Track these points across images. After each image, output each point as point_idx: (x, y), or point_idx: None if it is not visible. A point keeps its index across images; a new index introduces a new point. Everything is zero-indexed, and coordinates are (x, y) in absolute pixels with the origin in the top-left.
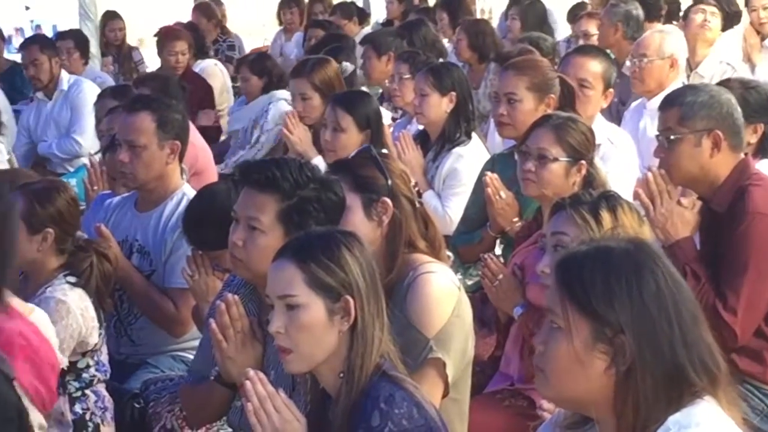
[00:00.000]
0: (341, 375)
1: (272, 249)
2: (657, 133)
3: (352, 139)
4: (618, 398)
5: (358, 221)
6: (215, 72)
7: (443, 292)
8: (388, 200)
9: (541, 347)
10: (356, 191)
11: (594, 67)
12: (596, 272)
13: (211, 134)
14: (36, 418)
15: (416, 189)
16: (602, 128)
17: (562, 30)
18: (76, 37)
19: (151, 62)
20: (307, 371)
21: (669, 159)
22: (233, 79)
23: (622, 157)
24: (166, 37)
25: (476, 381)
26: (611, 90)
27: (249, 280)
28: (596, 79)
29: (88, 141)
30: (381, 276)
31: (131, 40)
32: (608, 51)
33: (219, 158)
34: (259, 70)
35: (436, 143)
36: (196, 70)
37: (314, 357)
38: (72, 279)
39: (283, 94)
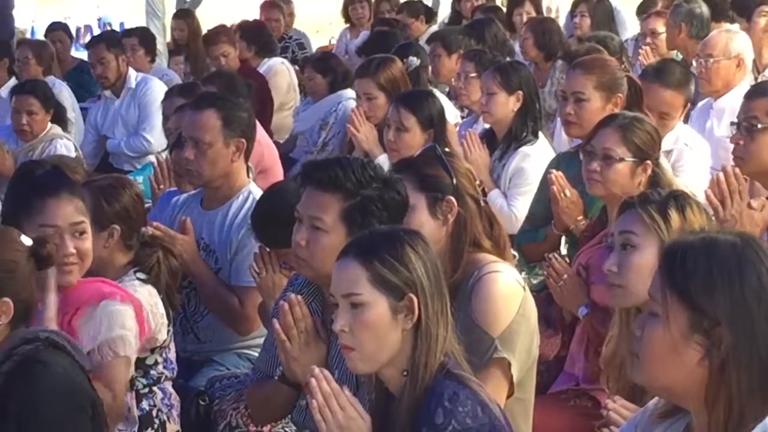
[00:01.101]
0: (405, 373)
1: (335, 248)
2: (736, 120)
3: (415, 139)
4: (710, 391)
5: (424, 220)
6: (282, 70)
7: (508, 291)
8: (453, 199)
9: (638, 332)
10: (421, 190)
11: (675, 98)
12: (699, 262)
13: None
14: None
15: (481, 188)
16: (681, 132)
17: (630, 28)
18: (142, 35)
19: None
20: (371, 371)
21: (749, 147)
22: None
23: (697, 160)
24: (206, 42)
25: (541, 381)
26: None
27: (312, 279)
28: (676, 109)
29: (157, 139)
30: (446, 275)
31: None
32: (676, 53)
33: (283, 157)
34: (324, 69)
35: (503, 142)
36: (263, 68)
37: (378, 355)
38: (142, 275)
39: (351, 93)
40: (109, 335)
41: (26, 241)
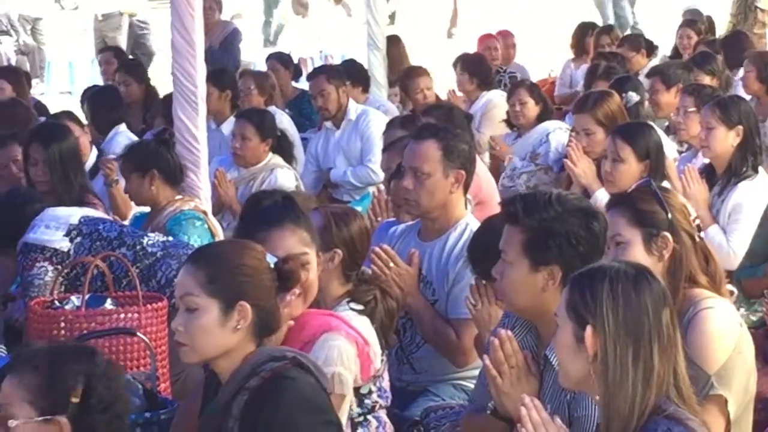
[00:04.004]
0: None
1: (520, 282)
2: None
3: (631, 170)
4: None
5: (639, 256)
6: (501, 103)
7: (724, 328)
8: (669, 235)
9: None
10: (637, 226)
11: None
12: None
13: None
14: None
15: (697, 223)
16: None
17: None
18: (348, 68)
19: (442, 92)
20: (574, 388)
21: None
22: None
23: None
24: (405, 77)
25: (758, 418)
26: None
27: (516, 313)
28: None
29: (380, 170)
30: None
31: None
32: None
33: None
34: (538, 96)
35: (722, 177)
36: (481, 101)
37: (569, 374)
38: (356, 306)
39: (558, 124)
40: (325, 369)
41: (270, 258)
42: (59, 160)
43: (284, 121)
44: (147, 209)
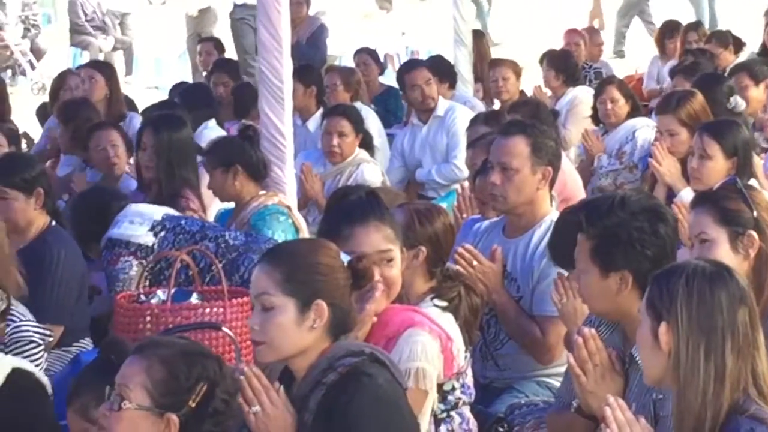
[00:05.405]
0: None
1: (594, 288)
2: None
3: (718, 167)
4: None
5: (724, 255)
6: (587, 99)
7: None
8: (755, 233)
9: None
10: (722, 224)
11: None
12: None
13: None
14: None
15: None
16: None
17: None
18: (435, 64)
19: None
20: (656, 384)
21: None
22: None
23: None
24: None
25: None
26: None
27: (603, 317)
28: None
29: (464, 167)
30: None
31: None
32: None
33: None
34: (627, 93)
35: None
36: (568, 97)
37: (649, 371)
38: (440, 302)
39: (645, 121)
40: (408, 365)
41: (344, 256)
42: (167, 148)
43: (369, 116)
44: (231, 205)
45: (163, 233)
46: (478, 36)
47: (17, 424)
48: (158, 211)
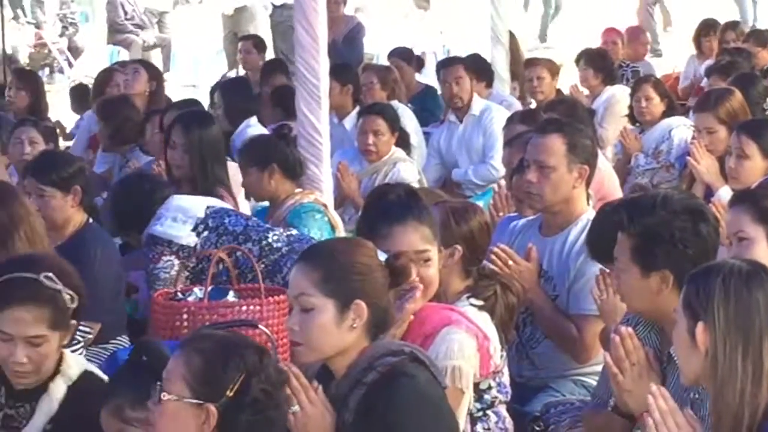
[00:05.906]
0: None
1: (634, 287)
2: None
3: (756, 167)
4: None
5: (762, 253)
6: (624, 98)
7: None
8: None
9: None
10: (760, 223)
11: None
12: None
13: None
14: None
15: None
16: None
17: None
18: (472, 62)
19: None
20: (692, 384)
21: None
22: None
23: None
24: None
25: None
26: None
27: (641, 316)
28: None
29: (501, 166)
30: None
31: None
32: None
33: None
34: (663, 92)
35: None
36: (605, 96)
37: (686, 370)
38: (476, 301)
39: (681, 120)
40: (444, 363)
41: (381, 255)
42: (198, 146)
43: (405, 115)
44: (266, 204)
45: (206, 233)
46: (511, 37)
47: (80, 424)
48: (201, 206)
